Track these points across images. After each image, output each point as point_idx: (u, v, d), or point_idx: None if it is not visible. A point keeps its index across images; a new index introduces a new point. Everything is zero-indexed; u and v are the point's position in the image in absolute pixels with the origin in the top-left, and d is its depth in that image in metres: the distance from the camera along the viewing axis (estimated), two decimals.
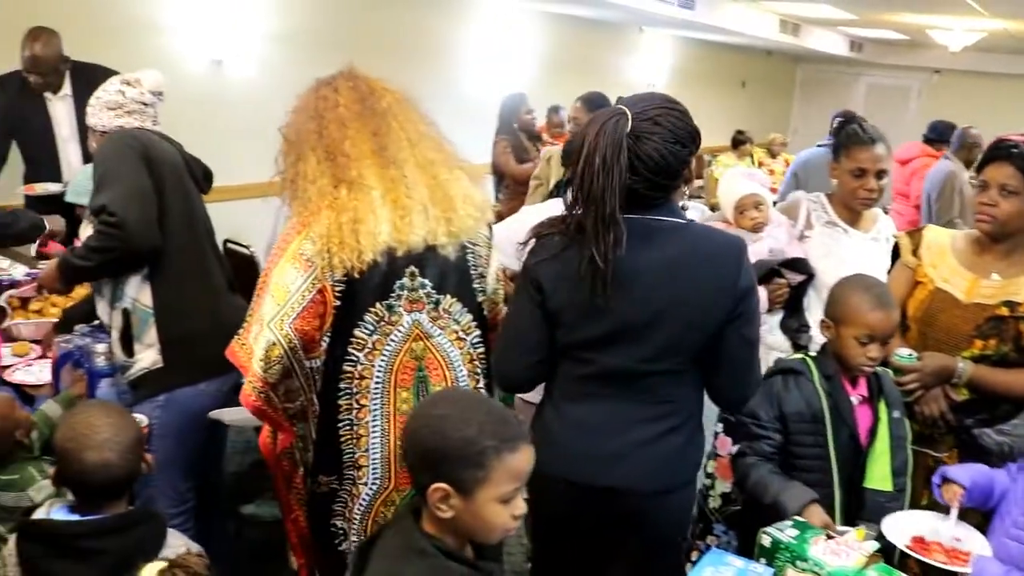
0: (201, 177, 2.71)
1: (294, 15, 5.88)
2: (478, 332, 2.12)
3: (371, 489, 2.05)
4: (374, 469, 2.04)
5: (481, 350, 2.13)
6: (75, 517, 1.77)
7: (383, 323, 1.99)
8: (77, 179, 2.89)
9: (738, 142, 9.27)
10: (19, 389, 2.79)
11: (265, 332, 1.95)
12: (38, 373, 2.90)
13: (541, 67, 8.35)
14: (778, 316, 2.75)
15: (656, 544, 2.08)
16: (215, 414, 2.59)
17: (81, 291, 3.13)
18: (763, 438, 2.22)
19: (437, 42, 7.15)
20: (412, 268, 1.98)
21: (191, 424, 2.60)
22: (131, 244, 2.38)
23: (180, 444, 2.58)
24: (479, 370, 2.13)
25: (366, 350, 1.99)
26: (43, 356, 3.04)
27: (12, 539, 1.80)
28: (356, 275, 1.92)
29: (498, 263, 2.21)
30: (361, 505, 2.06)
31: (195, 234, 2.62)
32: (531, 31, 8.32)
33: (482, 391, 2.13)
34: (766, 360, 2.50)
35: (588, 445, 1.97)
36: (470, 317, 2.09)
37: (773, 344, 2.73)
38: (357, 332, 1.98)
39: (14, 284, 3.48)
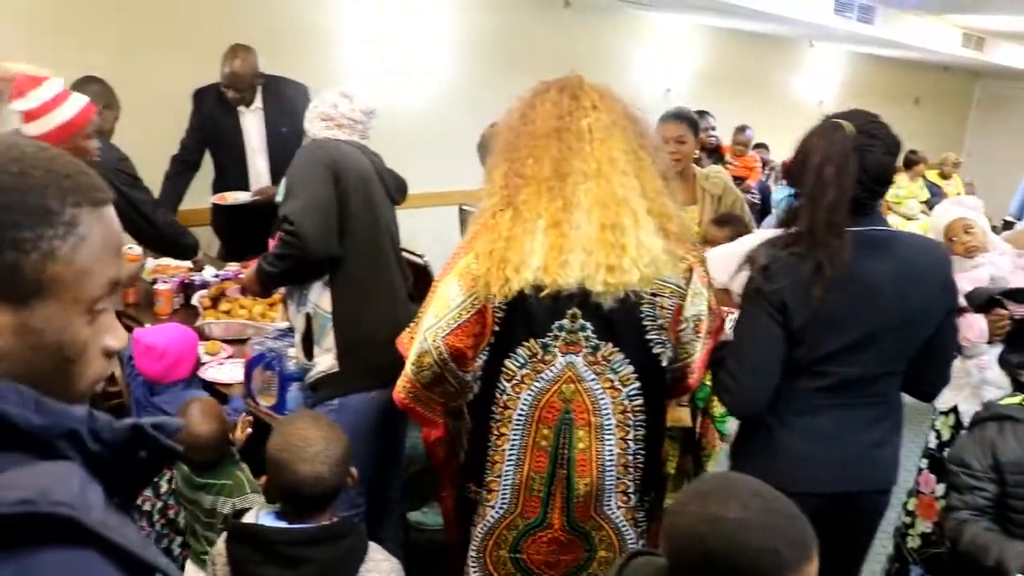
0: (394, 189, 2.77)
1: (471, 28, 6.00)
2: (638, 384, 2.00)
3: (497, 512, 2.07)
4: (503, 495, 2.06)
5: (638, 403, 2.02)
6: (283, 524, 1.82)
7: (535, 360, 1.95)
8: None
9: (911, 162, 8.78)
10: (212, 387, 2.94)
11: (419, 338, 2.01)
12: (230, 372, 3.02)
13: (705, 82, 8.20)
14: (997, 349, 2.56)
15: (871, 539, 2.17)
16: None
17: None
18: (976, 489, 2.05)
19: (607, 56, 7.14)
20: (575, 310, 1.91)
21: (363, 429, 2.63)
22: (307, 252, 2.47)
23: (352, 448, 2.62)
24: (631, 422, 2.03)
25: (514, 382, 1.98)
26: (233, 356, 3.19)
27: (221, 539, 1.88)
28: (509, 303, 1.89)
29: (697, 311, 2.04)
30: (486, 525, 2.09)
31: (378, 244, 2.67)
32: (695, 45, 8.20)
33: (630, 443, 2.03)
34: (978, 396, 2.36)
35: (830, 454, 2.03)
36: (631, 368, 1.99)
37: (991, 380, 2.56)
38: (508, 363, 1.97)
39: (205, 284, 3.67)
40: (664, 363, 2.05)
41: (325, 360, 2.60)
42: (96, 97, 3.66)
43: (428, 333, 1.99)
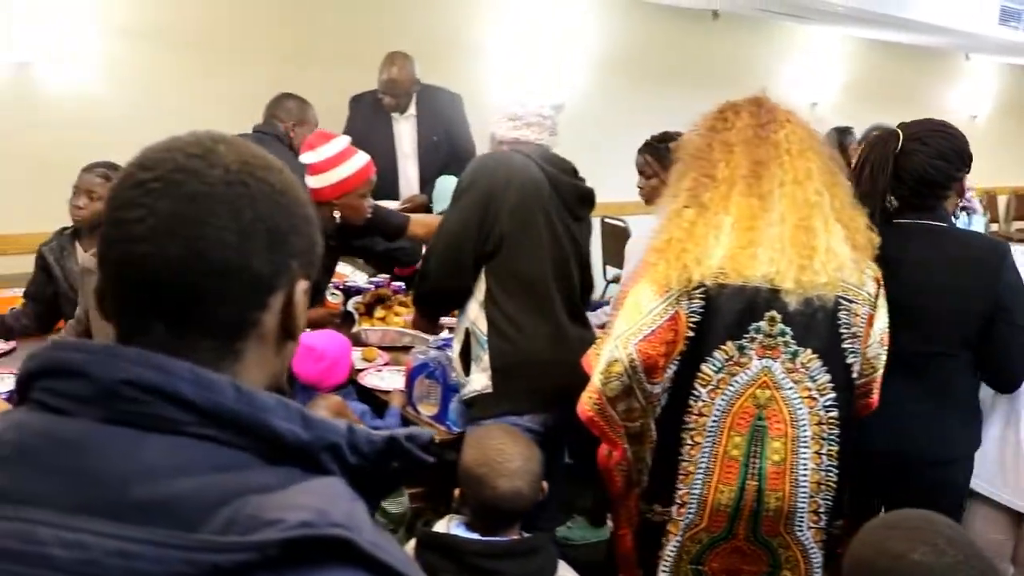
0: (575, 201, 2.62)
1: (617, 41, 5.96)
2: (833, 395, 1.96)
3: (683, 525, 2.01)
4: (690, 507, 1.99)
5: (834, 415, 1.97)
6: (474, 535, 1.82)
7: (731, 363, 1.92)
8: (441, 188, 2.96)
9: None
10: (370, 394, 2.93)
11: (610, 346, 1.95)
12: (389, 379, 3.00)
13: (853, 95, 7.89)
14: None
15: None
16: None
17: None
18: None
19: (753, 68, 6.95)
20: (773, 313, 1.89)
21: None
22: (428, 282, 2.49)
23: None
24: (825, 435, 1.97)
25: (709, 387, 1.93)
26: (389, 363, 3.18)
27: (409, 545, 1.87)
28: (703, 305, 1.89)
29: (883, 324, 2.05)
30: (675, 545, 2.03)
31: (538, 264, 2.52)
32: (843, 57, 7.92)
33: (824, 458, 1.97)
34: None
35: (883, 417, 2.14)
36: (828, 377, 1.95)
37: None
38: (704, 367, 1.92)
39: (359, 291, 3.68)
40: (854, 375, 2.02)
41: (479, 379, 2.53)
42: (288, 114, 3.79)
43: (619, 340, 1.94)
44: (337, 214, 2.80)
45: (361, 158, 2.79)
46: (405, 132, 4.34)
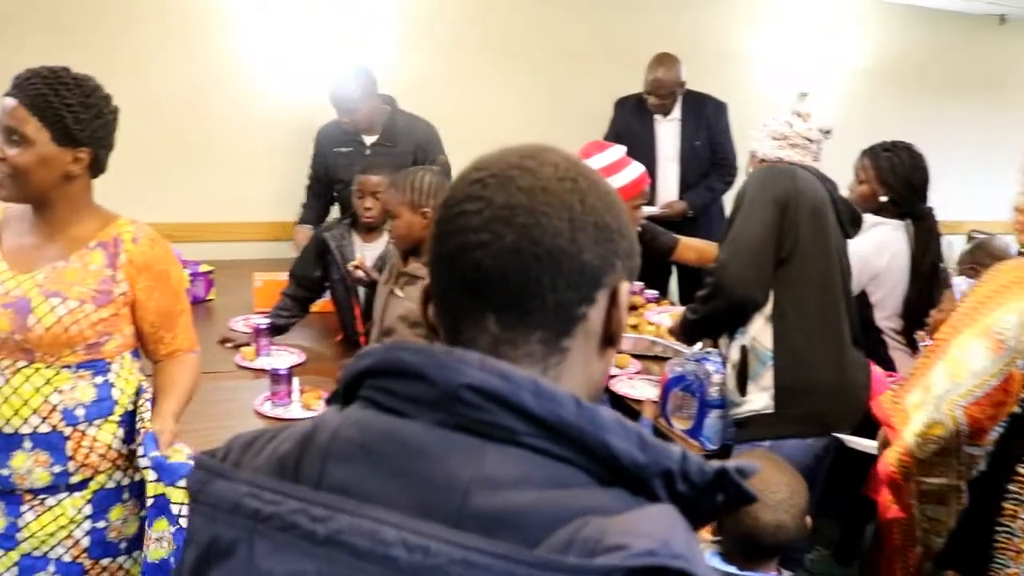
0: (848, 221, 2.53)
1: (893, 49, 5.58)
2: None
3: None
4: None
5: None
6: (731, 569, 1.73)
7: None
8: None
9: None
10: (621, 401, 2.88)
11: (930, 406, 1.76)
12: (642, 388, 2.94)
13: None
14: None
15: None
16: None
17: None
18: None
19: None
20: None
21: None
22: (725, 295, 2.34)
23: None
24: None
25: None
26: (640, 372, 3.12)
27: None
28: None
29: None
30: None
31: (829, 280, 2.43)
32: None
33: None
34: None
35: None
36: None
37: None
38: None
39: None
40: None
41: (759, 399, 2.40)
42: None
43: (943, 402, 1.76)
44: None
45: (637, 168, 2.74)
46: (667, 135, 4.28)
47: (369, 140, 3.68)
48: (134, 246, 1.78)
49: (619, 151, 2.76)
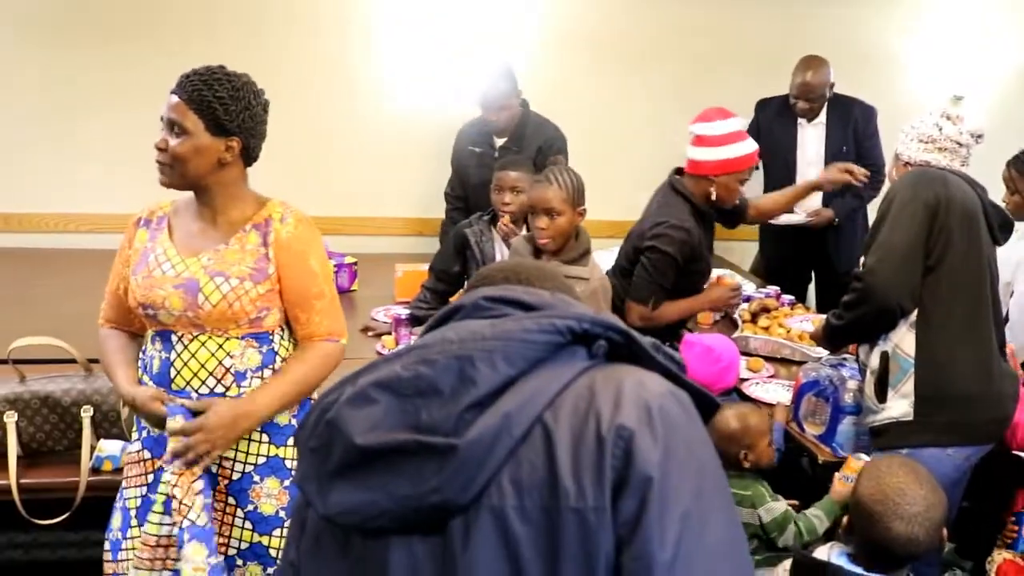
0: (997, 226, 2.43)
1: None
2: None
3: None
4: None
5: None
6: (857, 569, 1.71)
7: None
8: None
9: None
10: (755, 404, 2.84)
11: None
12: (773, 392, 2.90)
13: None
14: None
15: None
16: None
17: None
18: None
19: None
20: None
21: None
22: (874, 303, 2.29)
23: None
24: None
25: None
26: (775, 376, 3.08)
27: (781, 567, 1.82)
28: None
29: None
30: None
31: (978, 287, 2.36)
32: None
33: None
34: None
35: None
36: None
37: None
38: None
39: (747, 299, 3.61)
40: None
41: (899, 406, 2.35)
42: None
43: None
44: (713, 191, 2.83)
45: (752, 144, 2.86)
46: (812, 140, 4.18)
47: (499, 142, 3.77)
48: (281, 225, 1.91)
49: (739, 122, 2.87)
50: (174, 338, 1.87)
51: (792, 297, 3.77)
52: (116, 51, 4.14)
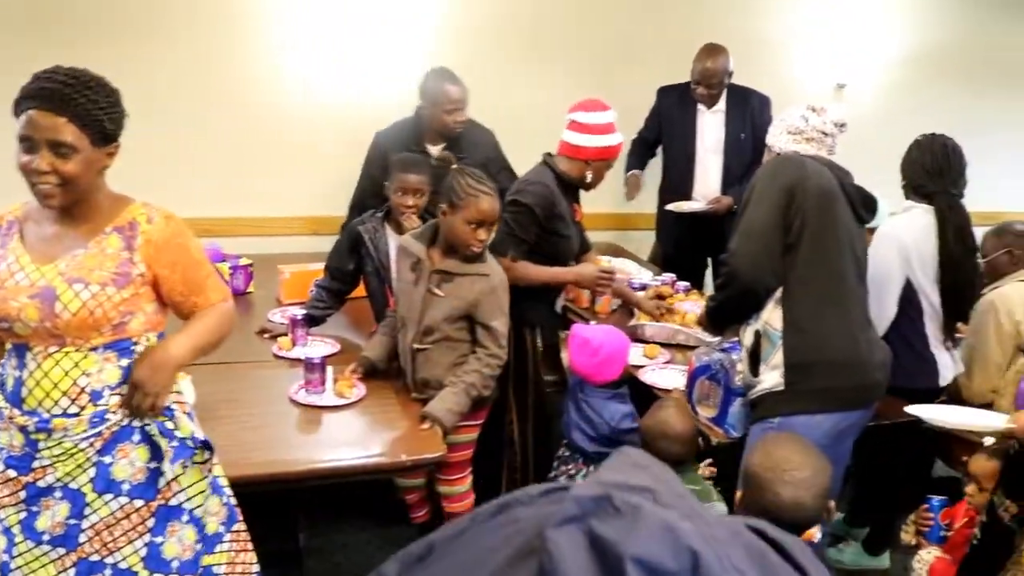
0: (860, 205, 2.55)
1: (919, 38, 5.47)
2: None
3: None
4: None
5: None
6: None
7: None
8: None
9: None
10: (648, 391, 2.89)
11: None
12: (668, 377, 2.95)
13: None
14: None
15: None
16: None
17: None
18: None
19: None
20: None
21: None
22: (738, 282, 2.42)
23: None
24: None
25: None
26: (671, 361, 3.14)
27: None
28: None
29: None
30: None
31: (836, 263, 2.48)
32: None
33: None
34: None
35: None
36: None
37: None
38: None
39: (644, 287, 3.66)
40: None
41: (771, 377, 2.46)
42: None
43: None
44: (589, 173, 3.09)
45: (617, 138, 3.14)
46: (711, 127, 4.25)
47: (435, 150, 3.61)
48: (150, 226, 1.85)
49: (613, 115, 3.11)
50: (28, 355, 1.79)
51: (688, 284, 3.84)
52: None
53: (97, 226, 1.83)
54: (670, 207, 4.23)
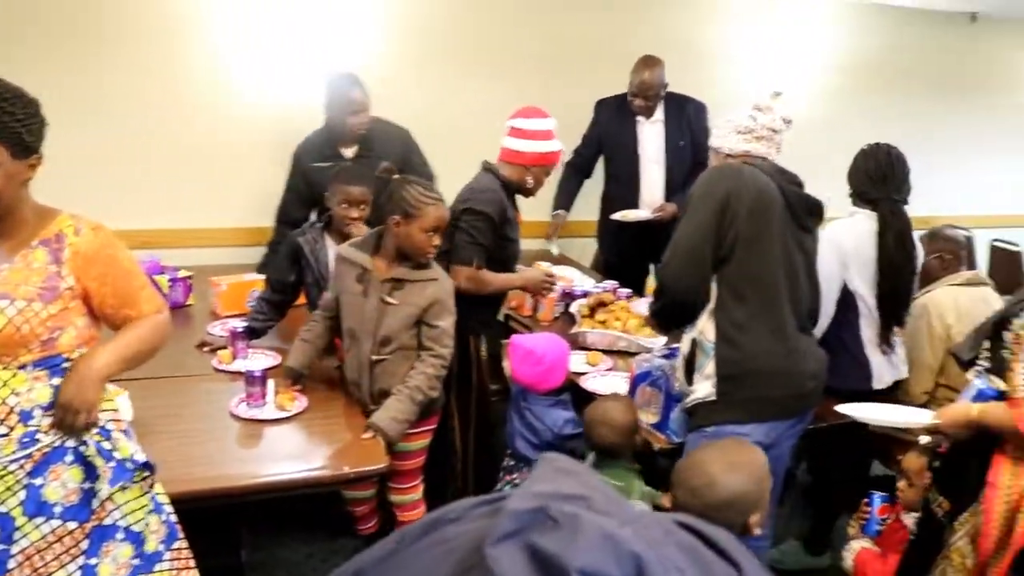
0: (804, 212, 2.53)
1: (851, 48, 5.64)
2: None
3: None
4: None
5: None
6: None
7: None
8: None
9: None
10: (590, 398, 2.90)
11: None
12: (610, 384, 2.97)
13: None
14: None
15: None
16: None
17: None
18: None
19: (1016, 73, 6.35)
20: None
21: None
22: (668, 293, 2.43)
23: None
24: None
25: None
26: (613, 368, 3.16)
27: None
28: None
29: None
30: None
31: (768, 274, 2.45)
32: None
33: None
34: None
35: None
36: None
37: None
38: None
39: (585, 294, 3.70)
40: None
41: (704, 387, 2.46)
42: None
43: None
44: (529, 179, 3.16)
45: (556, 144, 3.20)
46: (651, 137, 4.30)
47: (348, 153, 3.66)
48: (78, 238, 1.81)
49: (552, 123, 3.19)
50: None
51: (630, 290, 3.88)
52: None
53: (22, 240, 1.78)
54: (616, 216, 4.27)
